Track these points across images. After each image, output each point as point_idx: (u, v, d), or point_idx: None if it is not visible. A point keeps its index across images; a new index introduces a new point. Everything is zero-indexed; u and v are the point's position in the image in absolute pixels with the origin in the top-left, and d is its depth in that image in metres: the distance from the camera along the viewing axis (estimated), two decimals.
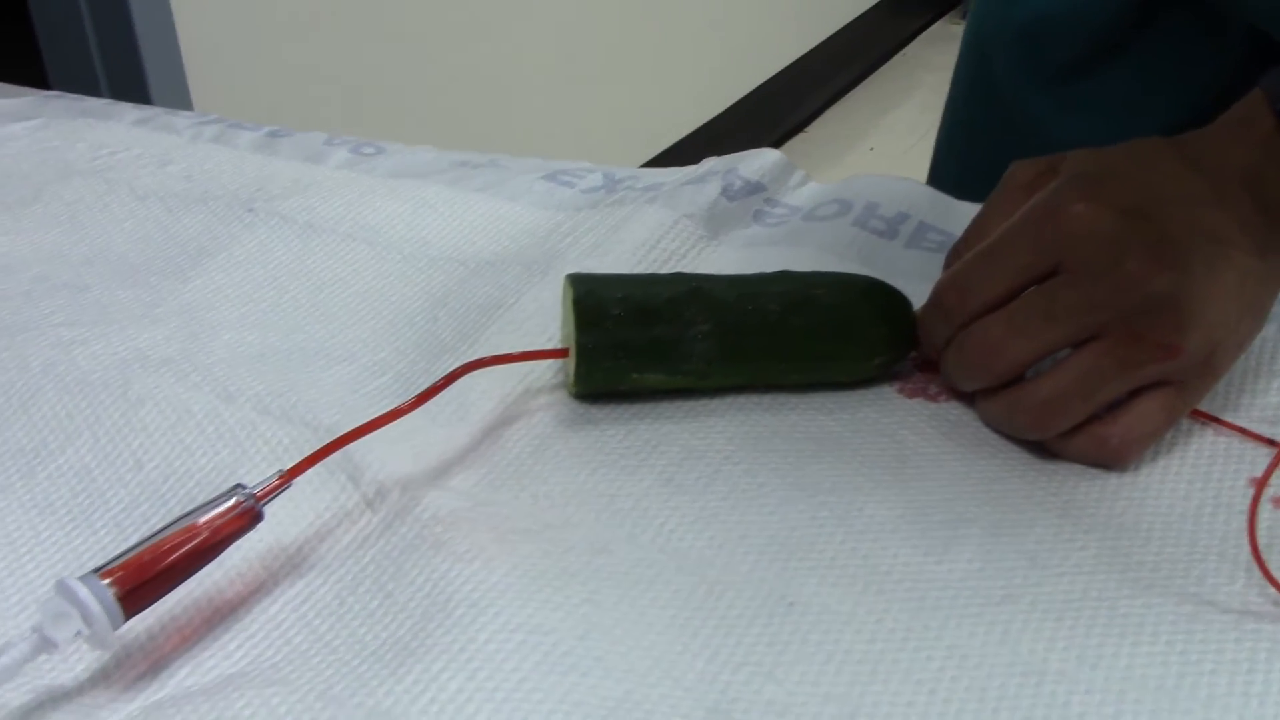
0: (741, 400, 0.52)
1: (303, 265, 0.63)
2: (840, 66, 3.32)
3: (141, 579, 0.39)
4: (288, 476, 0.42)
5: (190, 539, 0.40)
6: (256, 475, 0.44)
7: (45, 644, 0.37)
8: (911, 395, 0.52)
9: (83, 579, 0.38)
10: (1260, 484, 0.42)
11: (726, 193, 0.66)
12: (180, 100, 1.47)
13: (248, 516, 0.41)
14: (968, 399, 0.51)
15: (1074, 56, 0.72)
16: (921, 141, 2.99)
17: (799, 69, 3.08)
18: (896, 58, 3.63)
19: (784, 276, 0.53)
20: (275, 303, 0.60)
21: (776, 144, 2.89)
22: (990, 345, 0.47)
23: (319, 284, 0.61)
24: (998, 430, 0.49)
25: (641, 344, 0.50)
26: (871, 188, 0.66)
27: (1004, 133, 0.76)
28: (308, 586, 0.43)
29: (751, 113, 2.86)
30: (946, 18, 4.02)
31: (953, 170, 0.81)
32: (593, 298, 0.51)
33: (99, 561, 0.41)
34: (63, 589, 0.38)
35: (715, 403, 0.52)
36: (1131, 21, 0.69)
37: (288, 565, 0.44)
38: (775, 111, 2.97)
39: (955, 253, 0.53)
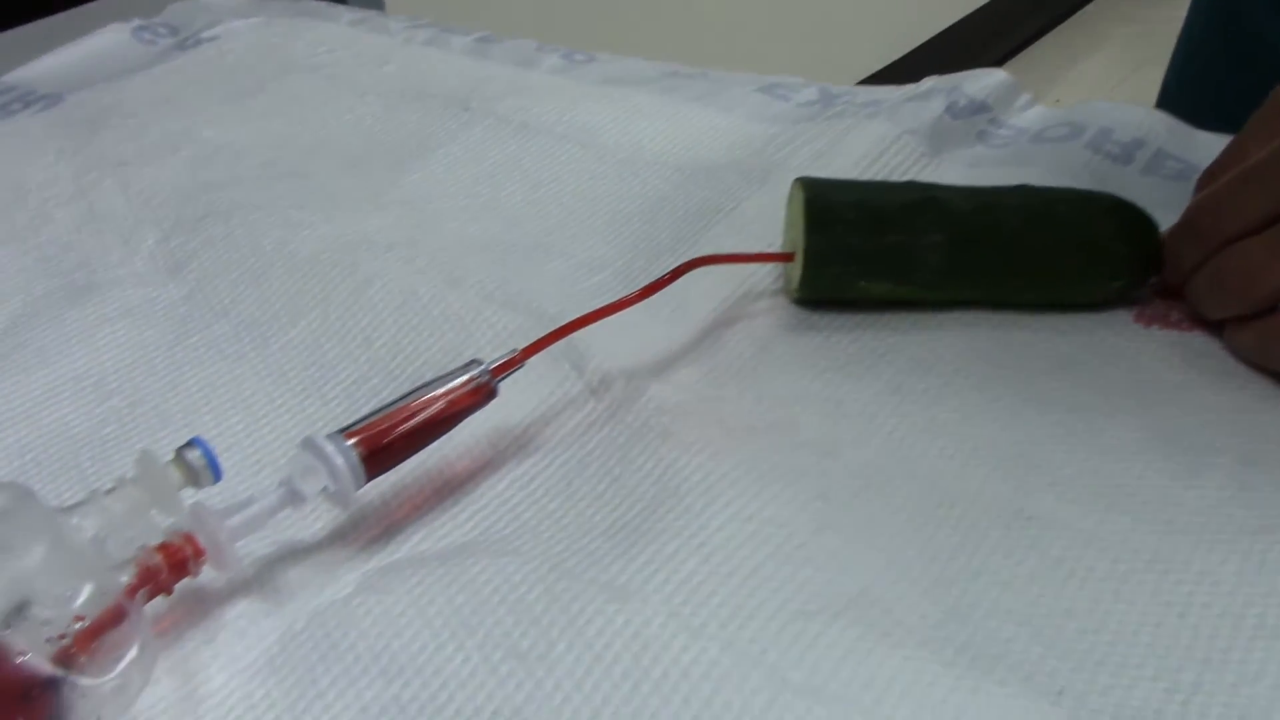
0: (969, 316, 0.50)
1: (518, 164, 0.63)
2: (1029, 13, 3.21)
3: (382, 443, 0.39)
4: (522, 355, 0.42)
5: (428, 408, 0.40)
6: (483, 357, 0.44)
7: (293, 497, 0.38)
8: (1149, 323, 0.50)
9: (329, 437, 0.38)
10: None
11: (950, 111, 0.63)
12: (373, 3, 1.48)
13: (483, 391, 0.42)
14: (1212, 328, 0.48)
15: None
16: (1111, 96, 2.88)
17: (985, 15, 2.99)
18: (1087, 8, 3.50)
19: (1024, 190, 0.51)
20: (492, 198, 0.60)
21: None
22: (1249, 270, 0.45)
23: (535, 182, 0.61)
24: (1248, 361, 0.46)
25: (871, 251, 0.49)
26: (1105, 112, 0.63)
27: (1245, 63, 0.72)
28: (534, 467, 0.43)
29: (934, 58, 2.78)
30: None
31: (1186, 102, 0.77)
32: (824, 201, 0.49)
33: (332, 428, 0.42)
34: (311, 445, 0.38)
35: (941, 316, 0.50)
36: None
37: (514, 446, 0.44)
38: (960, 57, 2.89)
39: (1209, 176, 0.50)
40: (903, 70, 2.67)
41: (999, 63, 3.01)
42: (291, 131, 0.67)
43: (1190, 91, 0.78)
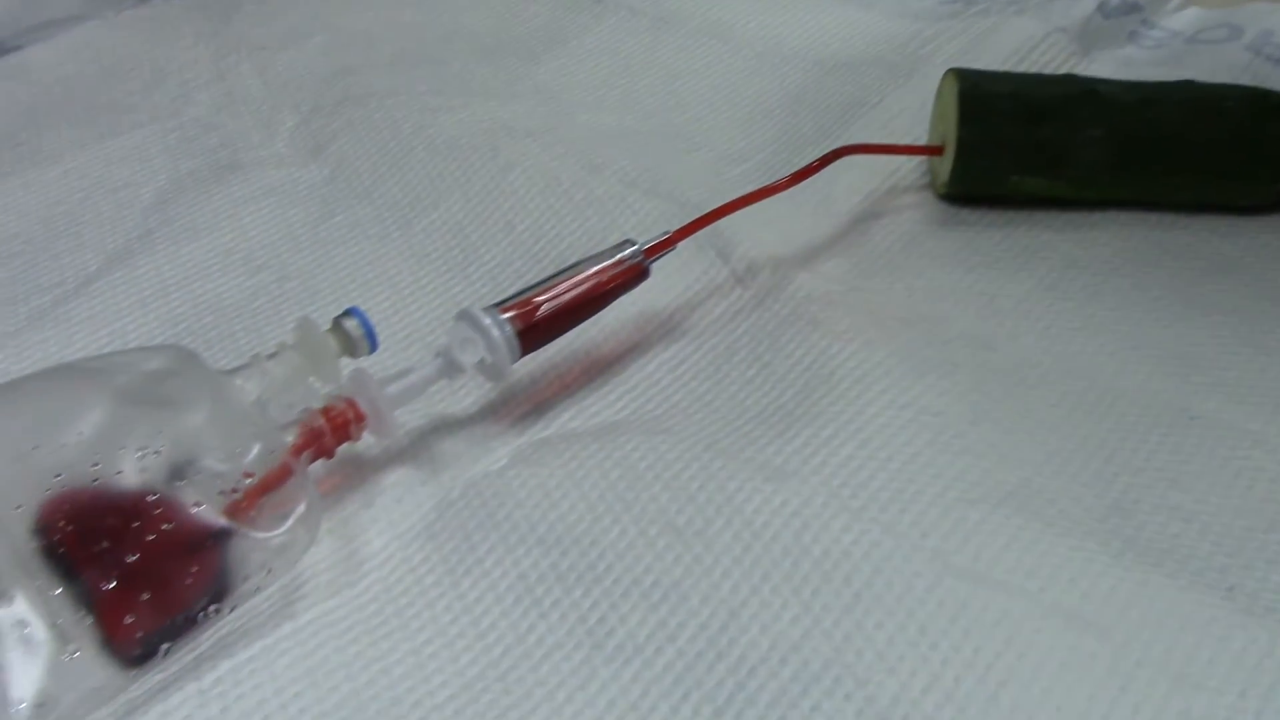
0: (1123, 216, 0.48)
1: (653, 56, 0.62)
2: None
3: (536, 317, 0.39)
4: (676, 236, 0.42)
5: (581, 286, 0.40)
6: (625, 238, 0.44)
7: (451, 367, 0.38)
8: None
9: (485, 310, 0.38)
10: None
11: (1102, 9, 0.61)
12: None
13: (636, 271, 0.41)
14: None
15: None
16: None
17: None
18: None
19: (1189, 86, 0.49)
20: (628, 90, 0.59)
21: None
22: None
23: (671, 75, 0.60)
24: None
25: (1026, 145, 0.48)
26: (1266, 14, 0.60)
27: None
28: (681, 351, 0.43)
29: None
30: None
31: None
32: (978, 91, 0.48)
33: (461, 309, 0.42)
34: (469, 317, 0.38)
35: (1095, 216, 0.49)
36: None
37: (660, 330, 0.44)
38: None
39: None
40: None
41: None
42: (423, 20, 0.66)
43: None
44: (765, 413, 0.39)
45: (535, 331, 0.39)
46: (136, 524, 0.31)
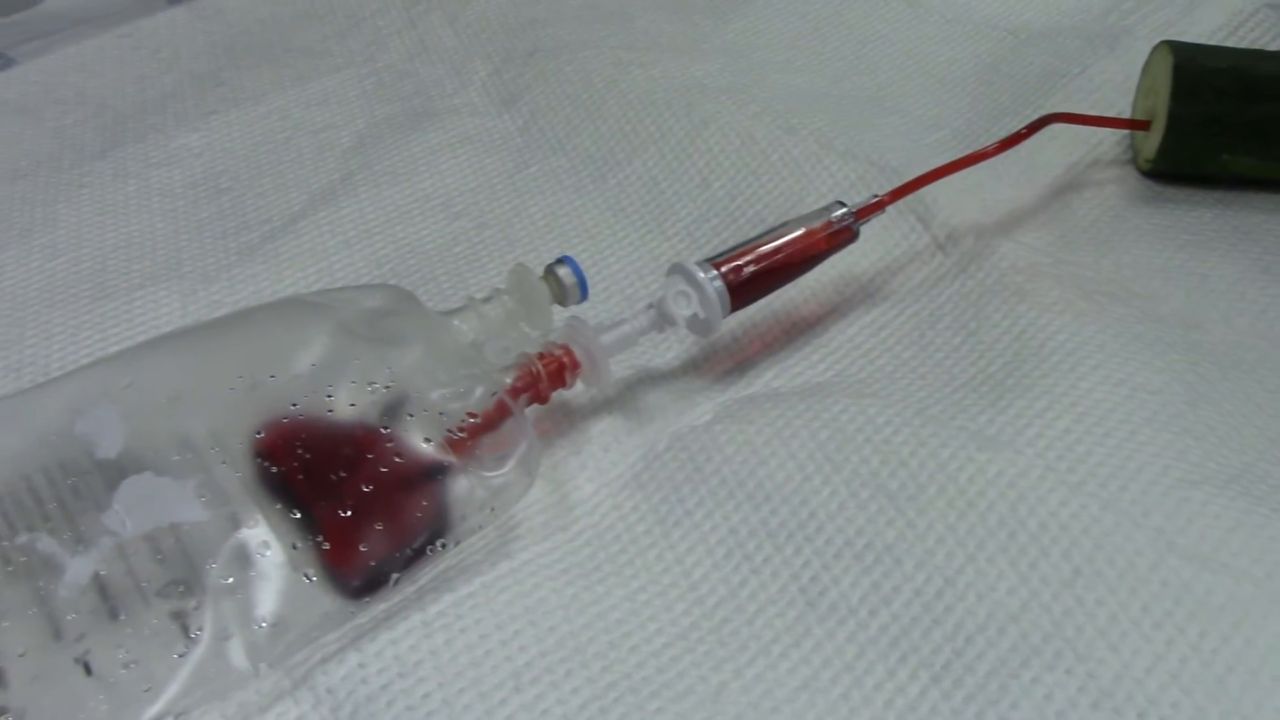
0: None
1: (842, 19, 0.61)
2: None
3: (746, 275, 0.39)
4: (888, 199, 0.42)
5: (791, 247, 0.40)
6: (827, 203, 0.43)
7: (664, 319, 0.38)
8: None
9: (699, 264, 0.39)
10: None
11: None
12: None
13: (846, 234, 0.41)
14: None
15: None
16: None
17: None
18: None
19: None
20: (818, 51, 0.59)
21: None
22: None
23: (861, 39, 0.59)
24: None
25: (1240, 123, 0.46)
26: None
27: None
28: (883, 315, 0.43)
29: None
30: None
31: None
32: (1194, 65, 0.47)
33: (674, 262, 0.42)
34: (683, 271, 0.38)
35: None
36: None
37: (860, 294, 0.44)
38: None
39: None
40: None
41: None
42: None
43: None
44: (974, 381, 0.39)
45: (745, 289, 0.39)
46: (369, 456, 0.32)
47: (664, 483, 0.36)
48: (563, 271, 0.39)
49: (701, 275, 0.38)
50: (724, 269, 0.39)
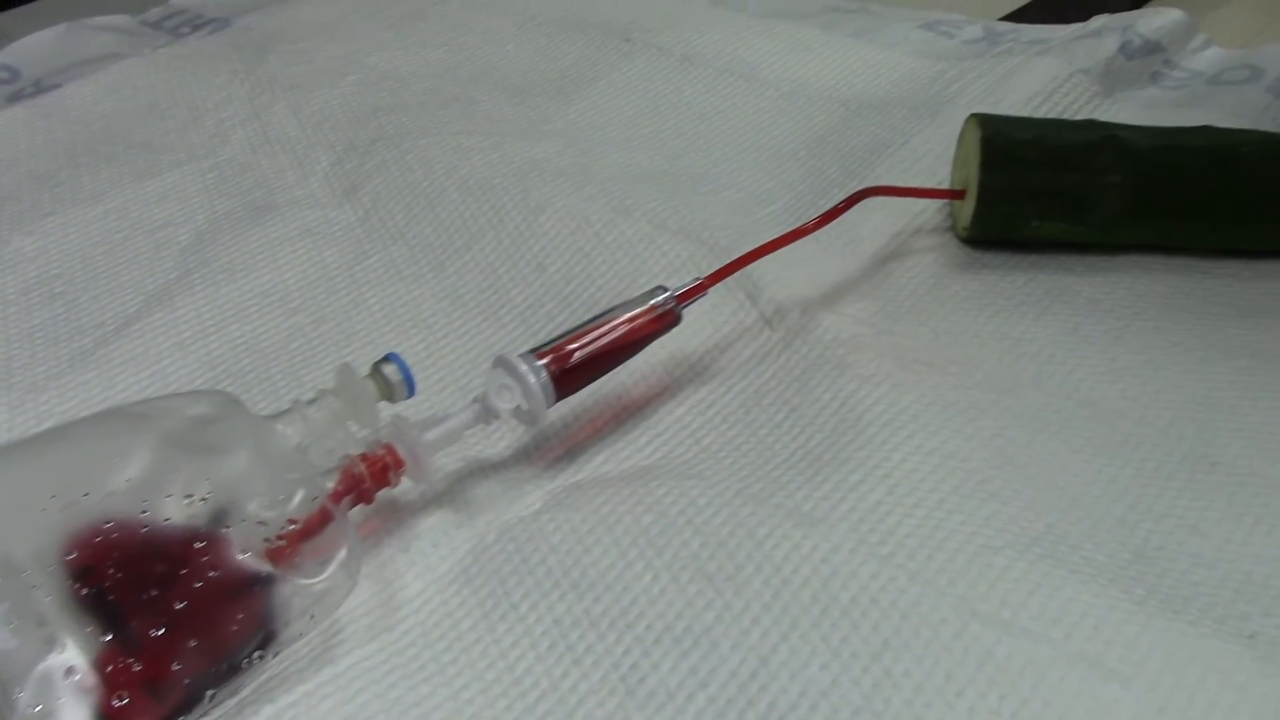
0: (1146, 259, 0.49)
1: (681, 96, 0.63)
2: None
3: (570, 364, 0.40)
4: (707, 282, 0.43)
5: (615, 333, 0.41)
6: (660, 284, 0.44)
7: (487, 413, 0.39)
8: None
9: (522, 357, 0.39)
10: None
11: (1124, 50, 0.62)
12: None
13: (668, 318, 0.42)
14: None
15: None
16: (1256, 39, 2.78)
17: None
18: None
19: (1206, 131, 0.50)
20: (657, 129, 0.60)
21: None
22: None
23: (698, 115, 0.61)
24: None
25: (1047, 190, 0.48)
26: None
27: None
28: (711, 394, 0.44)
29: None
30: None
31: None
32: (1001, 137, 0.49)
33: (510, 351, 0.43)
34: (506, 363, 0.39)
35: (1118, 259, 0.49)
36: None
37: (690, 373, 0.45)
38: None
39: None
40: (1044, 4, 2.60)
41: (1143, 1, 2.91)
42: (454, 59, 0.67)
43: None
44: (794, 457, 0.40)
45: (569, 378, 0.40)
46: (184, 571, 0.32)
47: (491, 576, 0.37)
48: (389, 369, 0.39)
49: (524, 367, 0.39)
50: (548, 359, 0.40)
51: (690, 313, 0.44)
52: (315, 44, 0.69)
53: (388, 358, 0.39)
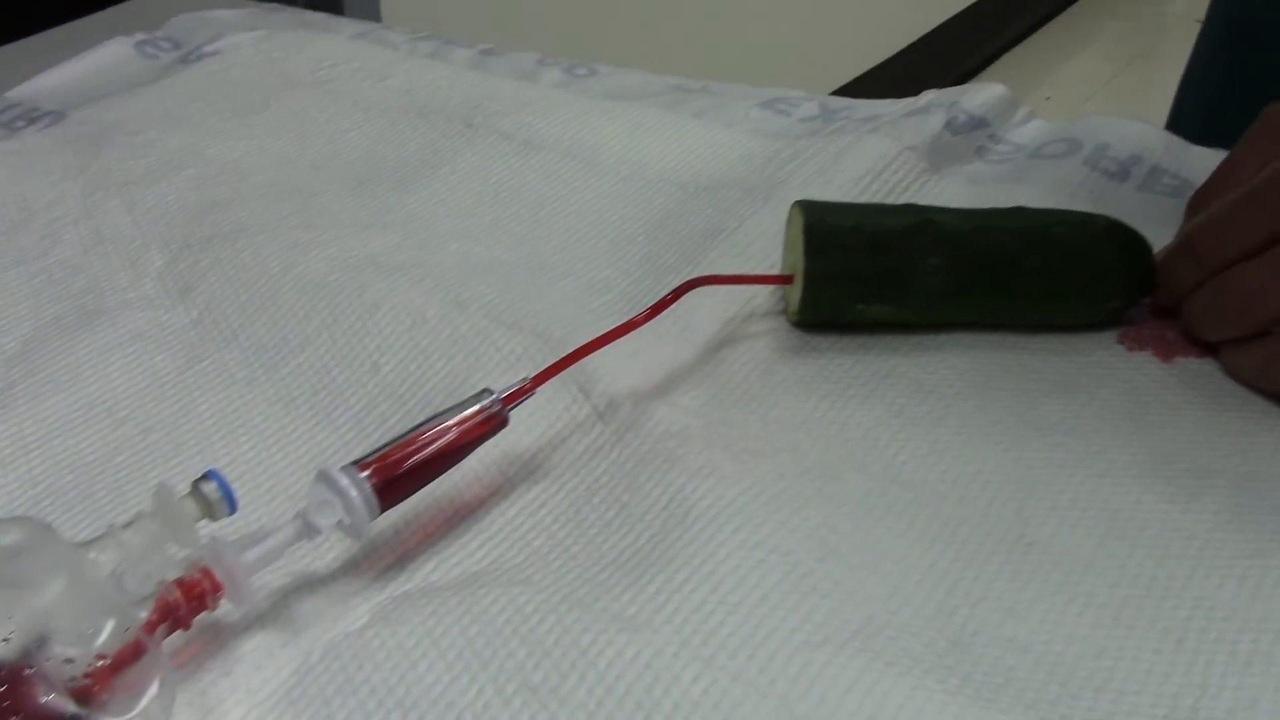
0: (968, 337, 0.51)
1: (522, 182, 0.63)
2: (1019, 11, 3.21)
3: (394, 474, 0.40)
4: (534, 383, 0.43)
5: (440, 439, 0.41)
6: (490, 381, 0.45)
7: (309, 530, 0.38)
8: (1144, 344, 0.50)
9: (343, 470, 0.39)
10: None
11: (950, 126, 0.64)
12: (370, 15, 1.49)
13: (495, 421, 0.42)
14: (1208, 348, 0.49)
15: None
16: (1101, 92, 2.88)
17: (976, 12, 2.99)
18: (1079, 3, 3.50)
19: (1020, 212, 0.51)
20: (498, 217, 0.61)
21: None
22: (1249, 293, 0.45)
23: (539, 201, 0.62)
24: (1244, 382, 0.47)
25: (870, 274, 0.50)
26: (1102, 128, 0.64)
27: (1262, 77, 0.73)
28: (543, 493, 0.44)
29: (925, 56, 2.79)
30: None
31: (1200, 113, 0.78)
32: (823, 225, 0.50)
33: (341, 456, 0.43)
34: (326, 478, 0.39)
35: (941, 338, 0.51)
36: None
37: (523, 472, 0.45)
38: (950, 55, 2.89)
39: (1201, 197, 0.51)
40: (896, 67, 2.68)
41: (991, 59, 3.01)
42: (296, 149, 0.67)
43: (1205, 103, 0.78)
44: (622, 558, 0.40)
45: (395, 488, 0.40)
46: None
47: (315, 698, 0.36)
48: (208, 488, 0.39)
49: (345, 481, 0.39)
50: (371, 470, 0.39)
51: (524, 409, 0.44)
52: (154, 135, 0.68)
53: (207, 475, 0.39)
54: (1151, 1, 3.59)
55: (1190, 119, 0.79)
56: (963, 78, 2.84)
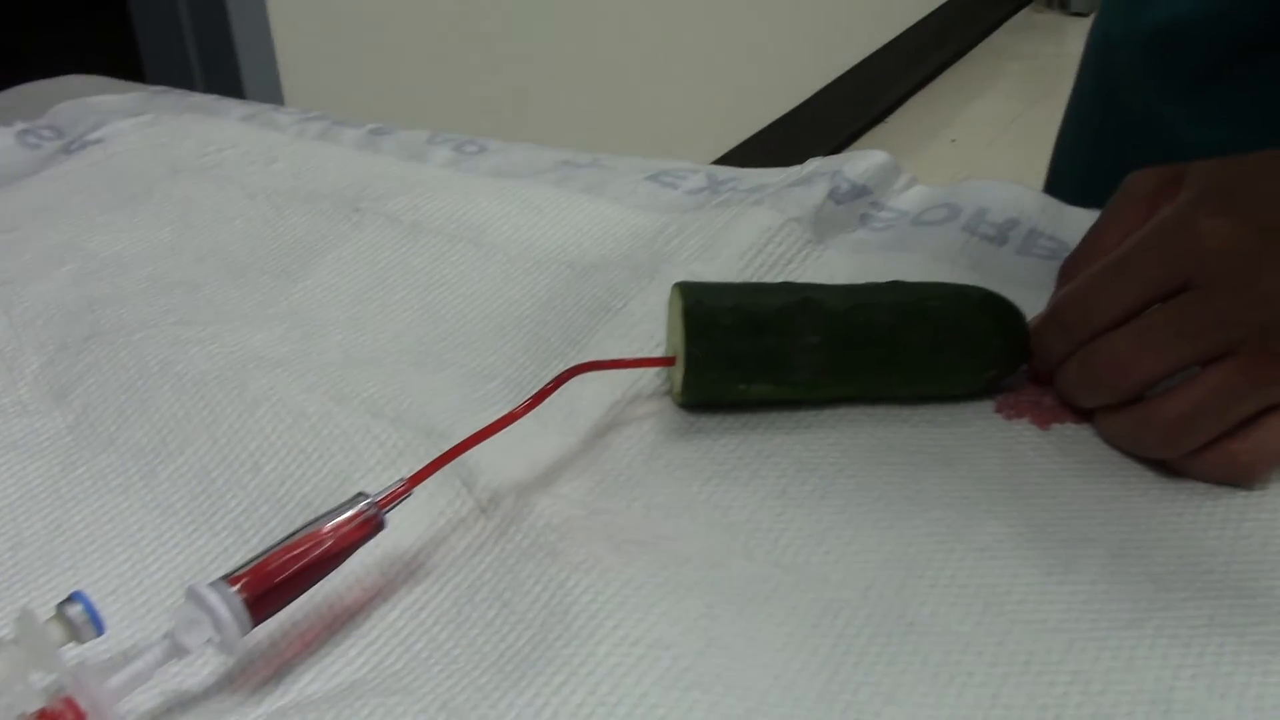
0: (851, 412, 0.51)
1: (409, 266, 0.63)
2: (922, 56, 3.28)
3: (268, 586, 0.39)
4: (409, 485, 0.43)
5: (315, 547, 0.40)
6: (371, 478, 0.44)
7: (177, 650, 0.38)
8: (1021, 412, 0.51)
9: (212, 585, 0.38)
10: None
11: (833, 195, 0.65)
12: (273, 97, 1.48)
13: (370, 525, 0.42)
14: (1083, 414, 0.50)
15: (1209, 63, 0.70)
16: (1005, 133, 2.95)
17: (881, 58, 3.06)
18: (980, 46, 3.58)
19: (895, 287, 0.52)
20: (384, 304, 0.60)
21: (856, 135, 2.87)
22: (1118, 361, 0.46)
23: (426, 285, 0.62)
24: (1118, 447, 0.48)
25: (750, 355, 0.50)
26: (980, 193, 0.65)
27: (1130, 138, 0.75)
28: (425, 593, 0.43)
29: (832, 103, 2.83)
30: (1031, 6, 3.96)
31: (1074, 174, 0.80)
32: (701, 308, 0.50)
33: (220, 563, 0.42)
34: (194, 596, 0.38)
35: (825, 414, 0.51)
36: (1272, 29, 0.67)
37: (404, 572, 0.44)
38: (856, 101, 2.94)
39: (1071, 264, 0.52)
40: (805, 114, 2.72)
41: (897, 104, 3.07)
42: (180, 239, 0.66)
43: (1079, 164, 0.80)
44: (502, 660, 0.40)
45: (268, 599, 0.39)
46: None
47: None
48: (73, 611, 0.38)
49: (214, 598, 0.38)
50: (242, 584, 0.39)
51: (406, 506, 0.44)
52: (31, 231, 0.67)
53: (72, 597, 0.38)
54: (1051, 42, 3.69)
55: (1065, 180, 0.81)
56: (868, 126, 2.90)
